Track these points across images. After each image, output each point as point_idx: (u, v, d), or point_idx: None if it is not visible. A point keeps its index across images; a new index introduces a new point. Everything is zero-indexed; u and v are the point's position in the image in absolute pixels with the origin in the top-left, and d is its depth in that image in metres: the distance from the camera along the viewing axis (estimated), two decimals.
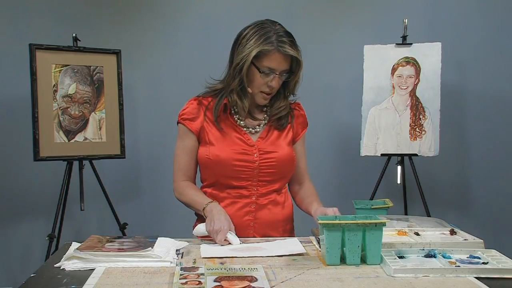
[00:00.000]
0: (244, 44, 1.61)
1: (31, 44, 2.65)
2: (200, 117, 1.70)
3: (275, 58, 1.59)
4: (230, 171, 1.66)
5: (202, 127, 1.69)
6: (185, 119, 1.71)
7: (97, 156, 2.83)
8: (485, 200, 3.36)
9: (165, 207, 3.32)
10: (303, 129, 1.82)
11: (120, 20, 3.26)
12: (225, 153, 1.65)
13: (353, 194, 2.75)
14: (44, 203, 3.14)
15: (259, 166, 1.67)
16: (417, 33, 3.02)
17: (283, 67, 1.62)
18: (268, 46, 1.58)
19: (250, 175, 1.67)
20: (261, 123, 1.73)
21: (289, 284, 1.15)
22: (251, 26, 1.65)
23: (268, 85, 1.63)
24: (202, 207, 1.62)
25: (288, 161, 1.71)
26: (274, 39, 1.58)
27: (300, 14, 3.31)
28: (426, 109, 2.88)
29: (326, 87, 3.32)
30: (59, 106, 2.74)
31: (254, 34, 1.60)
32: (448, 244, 1.40)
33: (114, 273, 1.22)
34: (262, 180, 1.68)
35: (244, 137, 1.69)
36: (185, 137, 1.72)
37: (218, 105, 1.69)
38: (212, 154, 1.66)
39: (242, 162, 1.66)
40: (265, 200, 1.70)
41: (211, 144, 1.68)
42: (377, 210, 2.00)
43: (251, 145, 1.68)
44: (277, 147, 1.70)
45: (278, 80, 1.63)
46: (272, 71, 1.61)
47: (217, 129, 1.69)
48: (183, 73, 3.27)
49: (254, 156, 1.67)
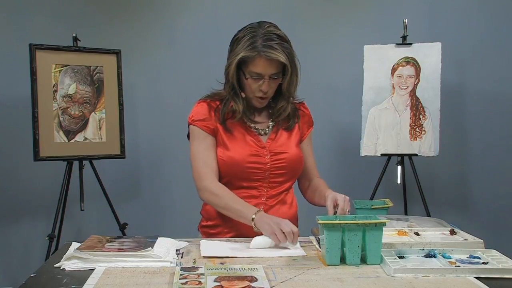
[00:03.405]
0: (234, 48, 1.61)
1: (31, 44, 2.65)
2: (212, 119, 1.69)
3: (259, 63, 1.57)
4: (242, 173, 1.65)
5: (215, 128, 1.69)
6: (197, 120, 1.69)
7: (97, 156, 2.83)
8: (485, 200, 3.36)
9: (165, 207, 3.32)
10: (309, 128, 1.81)
11: (120, 20, 3.26)
12: (239, 155, 1.65)
13: (353, 194, 2.73)
14: (44, 203, 3.14)
15: (271, 168, 1.67)
16: (417, 33, 3.02)
17: (270, 71, 1.59)
18: (250, 52, 1.56)
19: (261, 177, 1.67)
20: (269, 125, 1.73)
21: (289, 284, 1.15)
22: (242, 29, 1.64)
23: (260, 90, 1.63)
24: (251, 218, 1.52)
25: (297, 161, 1.72)
26: (259, 43, 1.56)
27: (300, 14, 3.30)
28: (426, 109, 2.88)
29: (326, 87, 3.32)
30: (59, 106, 2.74)
31: (243, 39, 1.59)
32: (448, 244, 1.40)
33: (114, 273, 1.22)
34: (272, 182, 1.68)
35: (255, 138, 1.69)
36: (203, 137, 1.68)
37: (225, 107, 1.69)
38: (225, 156, 1.66)
39: (255, 164, 1.65)
40: (274, 201, 1.70)
41: (225, 145, 1.68)
42: (377, 210, 2.00)
43: (263, 147, 1.68)
44: (286, 147, 1.70)
45: (268, 84, 1.61)
46: (260, 75, 1.59)
47: (229, 131, 1.68)
48: (183, 73, 3.27)
49: (266, 157, 1.67)
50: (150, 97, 3.31)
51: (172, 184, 3.32)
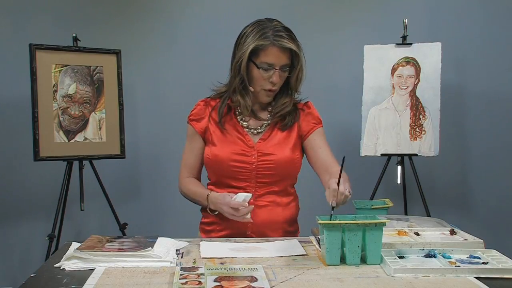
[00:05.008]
0: (243, 42, 1.63)
1: (31, 44, 2.65)
2: (205, 118, 1.74)
3: (271, 53, 1.60)
4: (227, 171, 1.68)
5: (206, 128, 1.73)
6: (192, 119, 1.77)
7: (97, 156, 2.83)
8: (485, 200, 3.36)
9: (165, 207, 3.32)
10: (314, 126, 1.76)
11: (120, 20, 3.26)
12: (223, 153, 1.68)
13: (353, 194, 2.72)
14: (44, 203, 3.14)
15: (257, 168, 1.67)
16: (417, 33, 3.02)
17: (282, 61, 1.62)
18: (263, 41, 1.59)
19: (248, 176, 1.68)
20: (264, 124, 1.73)
21: (289, 284, 1.15)
22: (249, 25, 1.67)
23: (270, 81, 1.63)
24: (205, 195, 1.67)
25: (287, 163, 1.70)
26: (270, 34, 1.60)
27: (300, 14, 3.30)
28: (426, 109, 2.88)
29: (326, 87, 3.31)
30: (59, 106, 2.74)
31: (251, 32, 1.62)
32: (448, 244, 1.40)
33: (114, 273, 1.22)
34: (260, 182, 1.69)
35: (245, 138, 1.70)
36: (192, 138, 1.77)
37: (222, 106, 1.72)
38: (212, 154, 1.69)
39: (240, 163, 1.67)
40: (264, 201, 1.70)
41: (213, 144, 1.71)
42: (377, 210, 2.00)
43: (251, 146, 1.69)
44: (277, 149, 1.69)
45: (278, 75, 1.63)
46: (271, 66, 1.61)
47: (220, 129, 1.71)
48: (183, 73, 3.27)
49: (253, 157, 1.67)
50: (150, 97, 3.31)
51: (172, 184, 3.30)
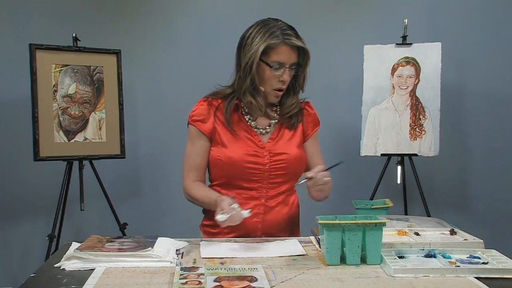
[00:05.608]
0: (250, 43, 1.62)
1: (31, 44, 2.65)
2: (210, 118, 1.69)
3: (283, 51, 1.60)
4: (241, 173, 1.65)
5: (213, 128, 1.69)
6: (196, 120, 1.70)
7: (97, 156, 2.83)
8: (485, 200, 3.36)
9: (165, 207, 3.32)
10: (314, 128, 1.79)
11: (120, 20, 3.26)
12: (237, 154, 1.64)
13: (353, 194, 2.75)
14: (44, 203, 3.14)
15: (270, 169, 1.66)
16: (417, 33, 3.02)
17: (292, 59, 1.62)
18: (274, 40, 1.59)
19: (260, 177, 1.66)
20: (271, 123, 1.72)
21: (289, 284, 1.15)
22: (253, 25, 1.65)
23: (280, 80, 1.63)
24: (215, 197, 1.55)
25: (297, 161, 1.70)
26: (279, 33, 1.59)
27: (300, 14, 3.30)
28: (426, 109, 2.88)
29: (326, 87, 3.31)
30: (59, 106, 2.74)
31: (259, 32, 1.61)
32: (448, 244, 1.40)
33: (114, 273, 1.22)
34: (272, 182, 1.68)
35: (255, 138, 1.69)
36: (197, 138, 1.71)
37: (229, 106, 1.69)
38: (224, 156, 1.66)
39: (253, 164, 1.65)
40: (274, 202, 1.69)
41: (223, 145, 1.67)
42: (377, 210, 2.01)
43: (262, 147, 1.67)
44: (287, 148, 1.69)
45: (289, 73, 1.63)
46: (282, 65, 1.61)
47: (228, 130, 1.68)
48: (183, 73, 3.27)
49: (265, 158, 1.66)
50: (150, 97, 3.31)
51: (172, 184, 3.31)
